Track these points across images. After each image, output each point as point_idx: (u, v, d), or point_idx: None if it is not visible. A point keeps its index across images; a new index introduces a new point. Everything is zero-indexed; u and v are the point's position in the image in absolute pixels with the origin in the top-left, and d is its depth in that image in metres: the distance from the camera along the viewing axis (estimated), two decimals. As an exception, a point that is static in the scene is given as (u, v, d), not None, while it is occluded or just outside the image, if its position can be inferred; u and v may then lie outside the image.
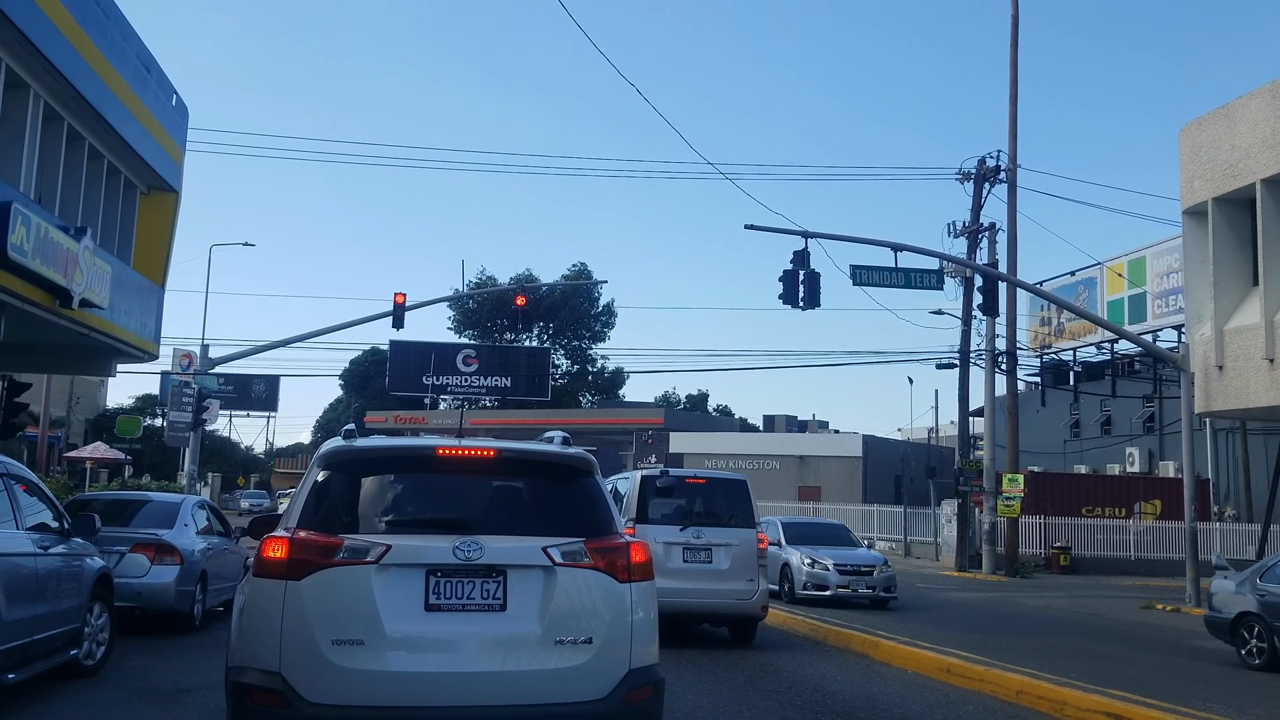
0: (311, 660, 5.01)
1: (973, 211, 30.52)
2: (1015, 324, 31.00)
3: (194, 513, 13.30)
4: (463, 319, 75.86)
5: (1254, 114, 21.27)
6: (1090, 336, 42.35)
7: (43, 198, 15.59)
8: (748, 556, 12.94)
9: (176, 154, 20.20)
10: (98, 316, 16.31)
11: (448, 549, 5.22)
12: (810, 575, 18.27)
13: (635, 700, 5.35)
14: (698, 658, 11.67)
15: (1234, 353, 21.51)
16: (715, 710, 8.76)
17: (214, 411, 27.81)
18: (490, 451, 5.67)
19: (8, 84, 14.21)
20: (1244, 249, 21.89)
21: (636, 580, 5.51)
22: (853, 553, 19.14)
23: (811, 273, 21.89)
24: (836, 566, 18.22)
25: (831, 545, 19.24)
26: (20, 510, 8.08)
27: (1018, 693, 9.83)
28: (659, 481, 13.31)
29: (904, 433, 71.08)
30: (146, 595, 11.62)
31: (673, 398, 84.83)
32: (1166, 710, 8.70)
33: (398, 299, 26.64)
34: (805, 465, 54.86)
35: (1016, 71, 30.57)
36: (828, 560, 18.34)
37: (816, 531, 20.50)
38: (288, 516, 5.57)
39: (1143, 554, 33.14)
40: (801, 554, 18.55)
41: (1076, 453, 45.73)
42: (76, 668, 8.87)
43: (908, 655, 11.87)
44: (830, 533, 20.58)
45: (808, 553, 18.54)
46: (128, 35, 16.91)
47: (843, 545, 19.56)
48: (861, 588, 18.11)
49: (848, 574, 18.14)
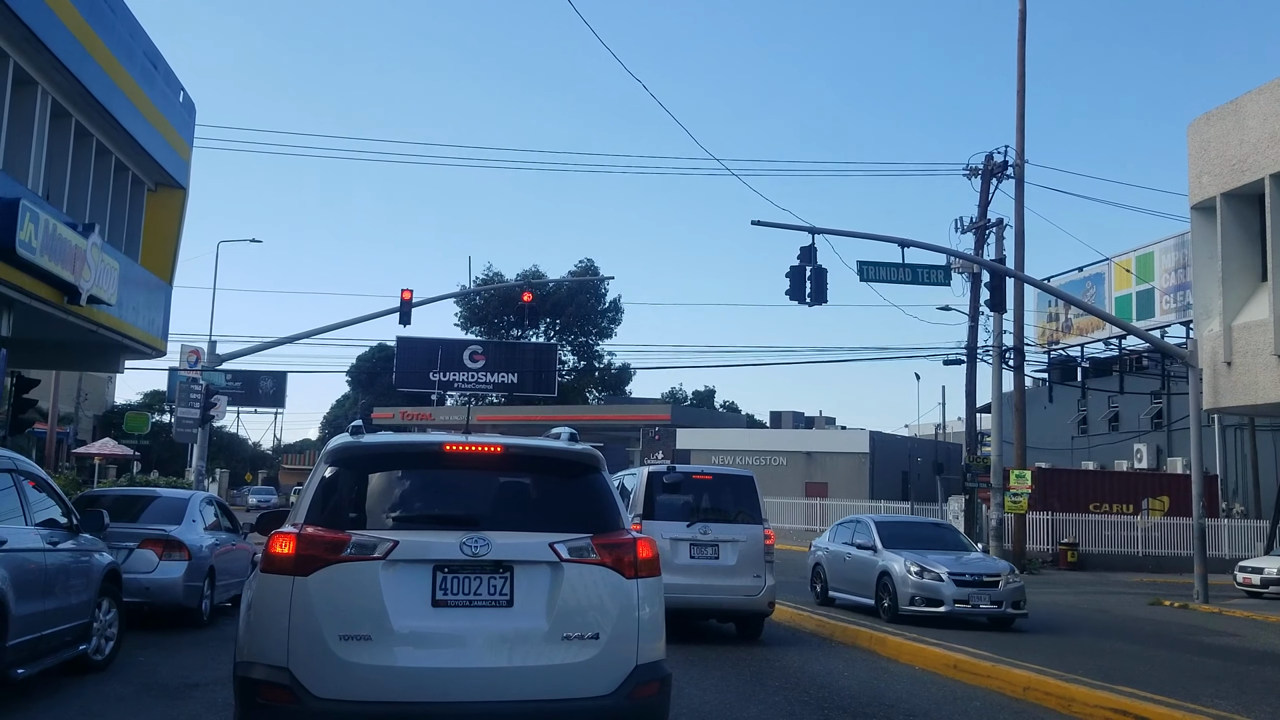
0: (319, 656, 5.02)
1: (980, 207, 30.44)
2: (1023, 320, 30.91)
3: (202, 509, 13.35)
4: (470, 315, 75.98)
5: (1263, 109, 21.18)
6: (1098, 332, 42.19)
7: (51, 194, 15.63)
8: (755, 552, 12.94)
9: (184, 150, 20.24)
10: (106, 313, 16.36)
11: (455, 545, 5.22)
12: (919, 588, 14.88)
13: (642, 696, 5.35)
14: (705, 654, 11.68)
15: (1243, 348, 21.44)
16: (722, 706, 8.76)
17: (222, 408, 27.89)
18: (497, 448, 5.67)
19: (16, 81, 14.24)
20: (1253, 244, 21.81)
21: (643, 576, 5.51)
22: (968, 559, 15.78)
23: (818, 269, 21.87)
24: (952, 576, 14.86)
25: (938, 549, 15.94)
26: (29, 506, 8.11)
27: (1025, 689, 9.82)
28: (666, 477, 13.32)
29: (911, 429, 71.07)
30: (155, 591, 11.66)
31: (679, 394, 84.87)
32: (1174, 707, 8.68)
33: (404, 295, 26.65)
34: (812, 461, 54.83)
35: (1024, 67, 30.47)
36: (940, 568, 14.98)
37: (917, 532, 17.06)
38: (295, 512, 5.58)
39: (1150, 550, 33.06)
40: (905, 561, 15.14)
41: (1084, 449, 45.61)
42: (85, 663, 8.90)
43: (915, 651, 11.87)
44: (933, 534, 17.15)
45: (913, 559, 15.16)
46: (135, 32, 16.94)
47: (951, 549, 16.22)
48: (984, 602, 14.82)
49: (967, 585, 14.84)
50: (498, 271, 75.55)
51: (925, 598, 14.83)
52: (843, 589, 16.92)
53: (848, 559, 16.78)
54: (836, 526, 18.48)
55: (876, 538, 16.14)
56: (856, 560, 16.43)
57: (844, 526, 17.99)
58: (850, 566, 16.66)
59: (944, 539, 16.84)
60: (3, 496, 7.79)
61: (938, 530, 17.69)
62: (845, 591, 16.82)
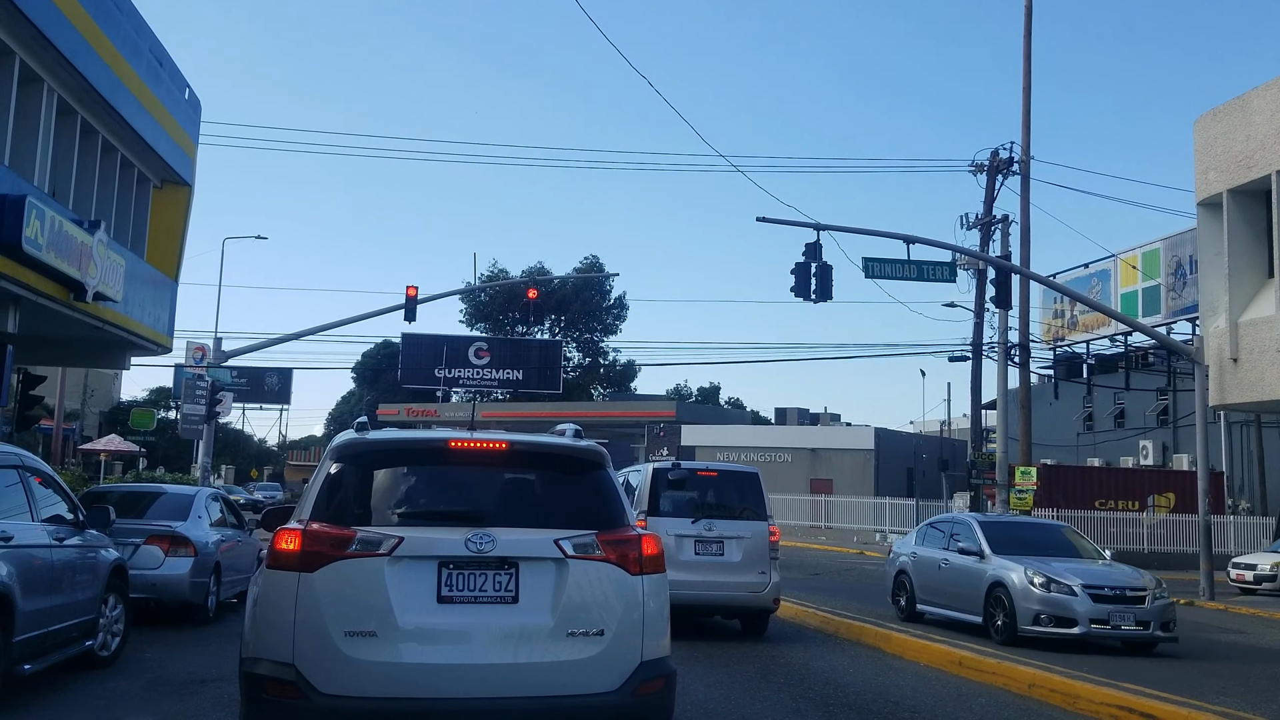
0: (325, 652, 5.03)
1: (985, 204, 30.39)
2: (1028, 316, 30.86)
3: (208, 505, 13.37)
4: (475, 312, 76.04)
5: (1270, 105, 21.12)
6: (1104, 329, 42.09)
7: (57, 191, 15.67)
8: (759, 549, 12.94)
9: (189, 147, 20.28)
10: (112, 310, 16.39)
11: (460, 541, 5.23)
12: (1046, 604, 12.31)
13: (647, 692, 5.36)
14: (709, 650, 11.69)
15: (1249, 345, 21.40)
16: (727, 703, 8.77)
17: (227, 404, 28.03)
18: (502, 444, 5.68)
19: (22, 78, 14.27)
20: (1259, 241, 21.77)
21: (648, 573, 5.52)
22: (1100, 569, 13.18)
23: (823, 265, 21.85)
24: (1088, 590, 12.35)
25: (1057, 555, 13.52)
26: (36, 502, 8.12)
27: (1030, 686, 9.81)
28: (671, 474, 13.31)
29: (916, 425, 71.06)
30: (161, 587, 11.69)
31: (684, 390, 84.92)
32: (1180, 704, 8.67)
33: (410, 292, 26.69)
34: (817, 458, 54.83)
35: (1030, 63, 30.42)
36: (1072, 580, 12.45)
37: (1024, 534, 14.40)
38: (301, 509, 5.60)
39: (1156, 547, 32.96)
40: (1026, 570, 12.62)
41: (1090, 445, 45.56)
42: (92, 659, 8.92)
43: (920, 649, 11.86)
44: (1045, 536, 14.42)
45: (1036, 568, 12.66)
46: (140, 29, 16.96)
47: (1069, 555, 13.75)
48: (1127, 623, 12.30)
49: (1106, 602, 12.31)
50: (503, 268, 75.60)
51: (1054, 616, 12.25)
52: (936, 602, 14.45)
53: (943, 567, 14.32)
54: (925, 528, 16.04)
55: (983, 541, 13.67)
56: (956, 568, 13.94)
57: (935, 527, 15.57)
58: (947, 576, 14.20)
59: (1057, 542, 14.21)
60: (9, 493, 7.80)
61: (1047, 532, 14.91)
62: (940, 605, 14.35)
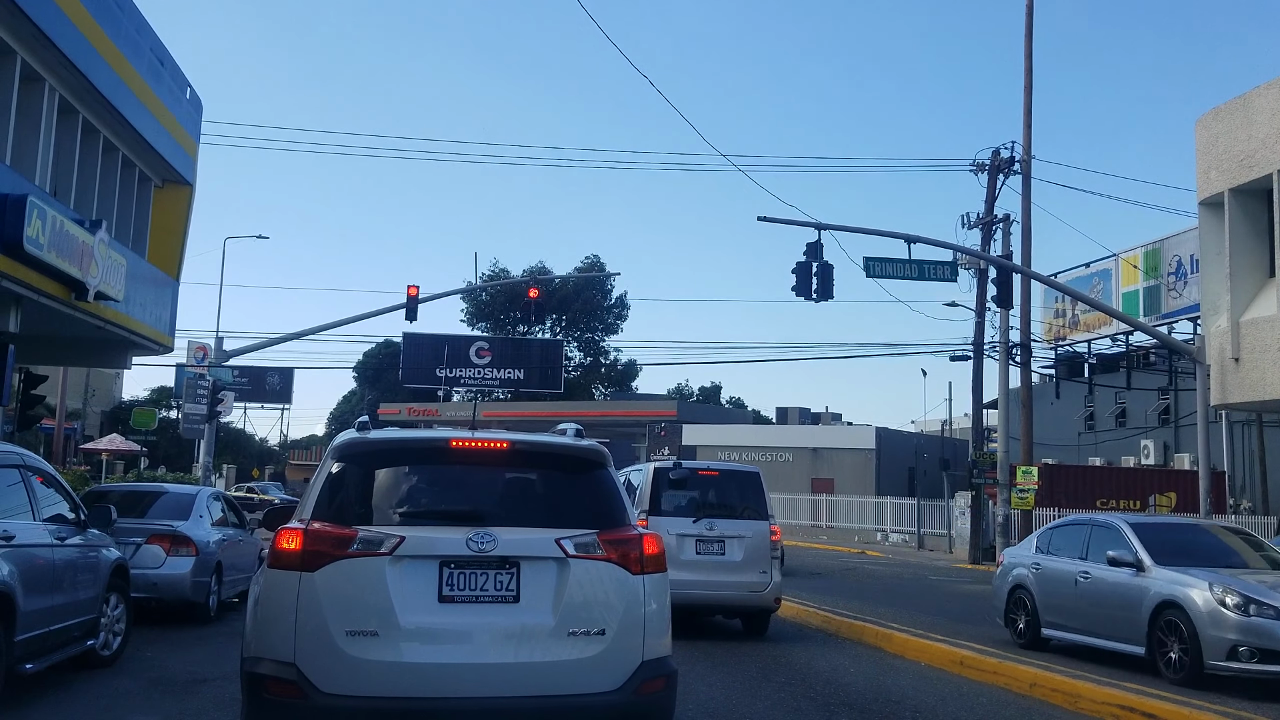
0: (326, 651, 5.03)
1: (987, 203, 30.36)
2: (1029, 316, 30.85)
3: (209, 504, 13.39)
4: (476, 311, 76.04)
5: (1272, 104, 21.11)
6: (1105, 328, 42.04)
7: (58, 190, 15.68)
8: (761, 548, 12.94)
9: (190, 147, 20.29)
10: (113, 309, 16.40)
11: (461, 541, 5.23)
12: (1245, 631, 9.41)
13: (648, 692, 5.36)
14: (711, 649, 11.69)
15: (1250, 344, 21.39)
16: (728, 702, 8.77)
17: (228, 404, 28.00)
18: (503, 444, 5.68)
19: (23, 78, 14.28)
20: (1261, 240, 21.76)
21: (649, 572, 5.52)
22: None
23: (824, 265, 21.89)
24: None
25: (1230, 564, 10.85)
26: (37, 502, 8.13)
27: (1031, 685, 9.81)
28: (672, 474, 13.32)
29: (917, 425, 70.96)
30: (162, 586, 11.71)
31: (685, 390, 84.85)
32: (1181, 703, 8.66)
33: (411, 291, 26.71)
34: (818, 457, 54.83)
35: (1032, 61, 30.40)
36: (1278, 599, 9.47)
37: (1181, 537, 11.53)
38: (302, 508, 5.60)
39: (1158, 547, 32.92)
40: (1214, 588, 9.71)
41: (1091, 445, 45.53)
42: (93, 658, 8.93)
43: (921, 648, 11.85)
44: (1206, 540, 11.68)
45: (1228, 585, 9.71)
46: (141, 28, 16.97)
47: (1242, 564, 11.00)
48: None
49: None
50: (504, 268, 75.59)
51: (1257, 648, 9.36)
52: (1073, 626, 11.59)
53: (1084, 581, 11.38)
54: (1048, 532, 12.94)
55: (1140, 550, 10.77)
56: (1104, 584, 11.07)
57: (1066, 532, 12.48)
58: (1089, 594, 11.32)
59: (1221, 547, 11.46)
60: (10, 492, 7.81)
61: (1205, 535, 12.07)
62: (1078, 631, 11.52)
